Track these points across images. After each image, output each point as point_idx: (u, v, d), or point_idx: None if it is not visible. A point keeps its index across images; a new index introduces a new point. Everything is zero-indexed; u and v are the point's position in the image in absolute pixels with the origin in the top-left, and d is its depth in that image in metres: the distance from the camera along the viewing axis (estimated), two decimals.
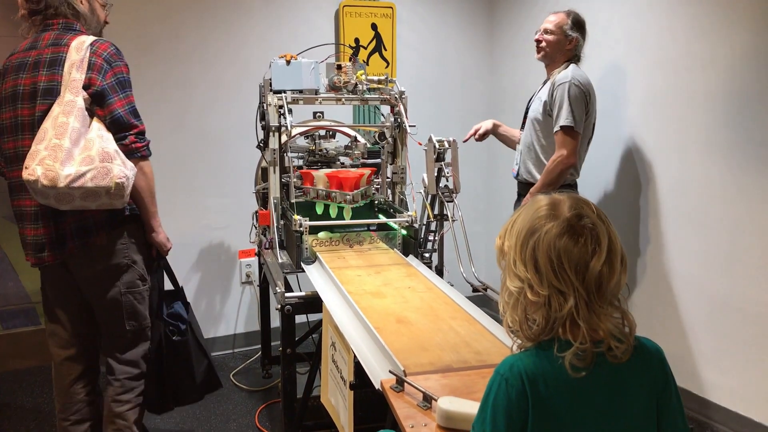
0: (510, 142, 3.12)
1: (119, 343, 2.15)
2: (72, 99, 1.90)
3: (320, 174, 2.51)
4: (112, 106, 1.95)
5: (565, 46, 2.72)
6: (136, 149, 2.00)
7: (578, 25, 2.73)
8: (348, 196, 2.43)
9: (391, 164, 2.67)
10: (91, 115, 1.96)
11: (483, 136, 3.09)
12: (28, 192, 1.95)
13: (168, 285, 2.36)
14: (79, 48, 1.95)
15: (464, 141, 3.09)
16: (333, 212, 2.52)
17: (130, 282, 2.11)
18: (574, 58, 2.74)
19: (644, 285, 2.98)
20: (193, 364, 2.24)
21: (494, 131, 3.10)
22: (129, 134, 1.98)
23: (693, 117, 2.68)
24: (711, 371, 2.69)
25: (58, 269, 2.07)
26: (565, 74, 2.65)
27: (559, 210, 1.06)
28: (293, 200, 2.50)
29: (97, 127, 1.94)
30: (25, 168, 1.86)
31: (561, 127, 2.62)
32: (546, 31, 2.73)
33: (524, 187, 2.87)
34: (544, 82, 2.83)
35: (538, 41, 2.76)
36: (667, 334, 2.84)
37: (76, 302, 2.13)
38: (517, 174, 2.92)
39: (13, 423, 2.80)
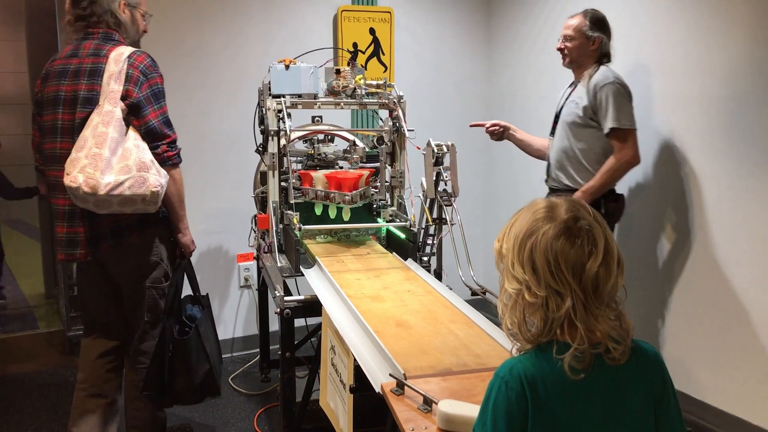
0: (528, 148, 3.03)
1: (137, 333, 2.28)
2: (111, 109, 2.01)
3: (319, 175, 2.52)
4: (147, 117, 2.07)
5: (588, 47, 2.64)
6: (168, 158, 2.12)
7: (598, 23, 2.64)
8: (347, 197, 2.44)
9: (389, 167, 2.67)
10: (128, 124, 2.06)
11: (496, 130, 2.96)
12: (62, 191, 2.06)
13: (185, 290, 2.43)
14: (117, 60, 2.06)
15: (470, 126, 3.05)
16: (332, 213, 2.52)
17: (156, 278, 2.26)
18: (603, 57, 2.66)
19: (640, 288, 2.98)
20: (192, 364, 2.29)
21: (511, 135, 3.00)
22: (162, 144, 2.10)
23: (689, 121, 2.69)
24: (708, 374, 2.69)
25: (91, 262, 2.19)
26: (605, 75, 2.58)
27: (556, 212, 1.07)
28: (292, 201, 2.51)
29: (134, 137, 2.05)
30: (67, 174, 1.96)
31: (617, 129, 2.53)
32: (566, 38, 2.66)
33: (557, 192, 2.76)
34: (572, 84, 2.78)
35: (561, 50, 2.69)
36: (664, 338, 2.85)
37: (108, 289, 2.28)
38: (547, 178, 2.86)
39: (11, 427, 2.80)
